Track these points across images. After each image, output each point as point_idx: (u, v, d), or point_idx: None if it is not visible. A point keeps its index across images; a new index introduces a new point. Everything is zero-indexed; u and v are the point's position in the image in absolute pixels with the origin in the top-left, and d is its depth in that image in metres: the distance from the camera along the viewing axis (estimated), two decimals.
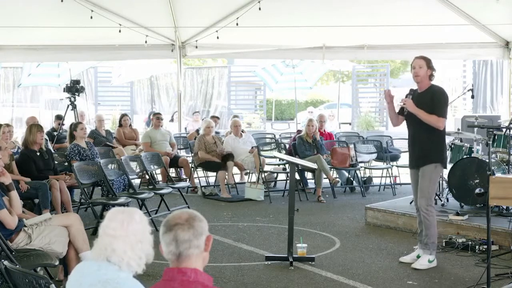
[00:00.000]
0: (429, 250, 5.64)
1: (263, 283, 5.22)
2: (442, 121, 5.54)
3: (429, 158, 5.60)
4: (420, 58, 5.68)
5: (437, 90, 5.66)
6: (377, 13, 10.40)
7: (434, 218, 5.69)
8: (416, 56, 5.74)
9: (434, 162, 5.60)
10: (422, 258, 5.66)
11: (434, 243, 5.65)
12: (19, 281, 3.02)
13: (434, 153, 5.60)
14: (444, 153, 5.73)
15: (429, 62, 5.66)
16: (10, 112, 19.64)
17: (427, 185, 5.61)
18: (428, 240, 5.64)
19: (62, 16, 10.32)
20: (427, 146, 5.61)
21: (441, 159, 5.66)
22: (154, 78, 21.37)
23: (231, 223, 7.74)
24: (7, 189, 4.81)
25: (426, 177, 5.61)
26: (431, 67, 5.65)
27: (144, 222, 2.58)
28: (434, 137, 5.59)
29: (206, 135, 10.04)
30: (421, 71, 5.61)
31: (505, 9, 9.84)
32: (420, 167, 5.67)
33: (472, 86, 8.44)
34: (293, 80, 15.85)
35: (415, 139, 5.74)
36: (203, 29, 11.04)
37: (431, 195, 5.69)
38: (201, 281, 2.31)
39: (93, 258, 2.56)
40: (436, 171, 5.68)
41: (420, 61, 5.65)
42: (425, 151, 5.62)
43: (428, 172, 5.61)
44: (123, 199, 7.09)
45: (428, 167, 5.60)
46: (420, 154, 5.68)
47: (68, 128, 8.50)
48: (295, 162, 6.38)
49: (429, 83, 5.66)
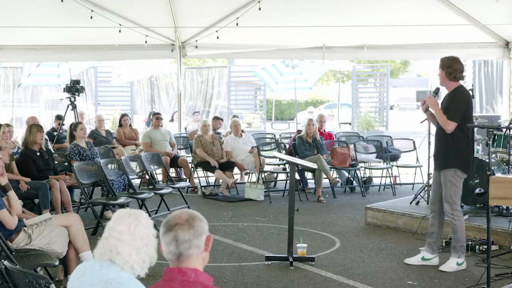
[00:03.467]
0: (457, 253, 5.55)
1: (263, 283, 5.22)
2: (451, 124, 5.37)
3: (447, 162, 5.48)
4: (439, 61, 5.52)
5: (458, 93, 5.46)
6: (377, 13, 10.39)
7: (461, 223, 5.57)
8: (441, 57, 5.57)
9: (452, 167, 5.46)
10: (450, 261, 5.56)
11: (462, 246, 5.56)
12: (19, 281, 3.02)
13: (452, 157, 5.45)
14: (465, 158, 5.50)
15: (441, 62, 5.48)
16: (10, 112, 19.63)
17: (448, 190, 5.48)
18: (456, 244, 5.56)
19: (62, 16, 10.31)
20: (446, 149, 5.48)
21: (461, 165, 5.46)
22: (154, 78, 21.36)
23: (231, 223, 7.74)
24: (4, 190, 4.80)
25: (447, 183, 5.49)
26: (445, 67, 5.43)
27: (150, 226, 2.59)
28: (453, 141, 5.43)
29: (204, 135, 10.04)
30: (439, 75, 5.51)
31: (505, 9, 9.83)
32: (440, 170, 5.57)
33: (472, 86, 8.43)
34: (293, 80, 15.83)
35: (436, 140, 5.67)
36: (203, 29, 11.03)
37: (455, 200, 5.51)
38: (201, 281, 2.32)
39: (96, 258, 2.56)
40: (457, 176, 5.48)
41: (438, 65, 5.50)
42: (444, 154, 5.51)
43: (448, 177, 5.48)
44: (123, 199, 7.10)
45: (448, 172, 5.48)
46: (438, 156, 5.60)
47: (68, 128, 8.50)
48: (295, 162, 6.38)
49: (455, 84, 5.46)
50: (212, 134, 10.19)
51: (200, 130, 10.18)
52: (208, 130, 10.11)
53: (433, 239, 5.75)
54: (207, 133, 10.08)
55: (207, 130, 10.09)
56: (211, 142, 10.02)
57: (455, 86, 5.48)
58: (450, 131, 5.40)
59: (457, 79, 5.49)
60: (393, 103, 31.76)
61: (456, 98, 5.45)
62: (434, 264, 5.69)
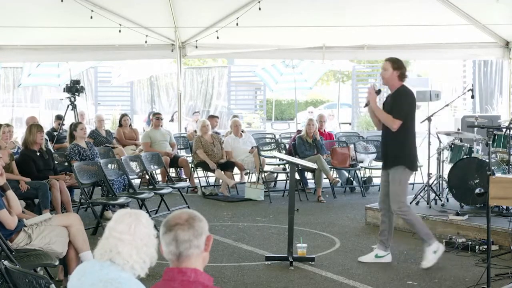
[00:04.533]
0: (427, 243, 5.64)
1: (263, 283, 5.22)
2: (395, 122, 5.51)
3: (396, 160, 5.60)
4: (386, 61, 5.67)
5: (401, 91, 5.64)
6: (377, 13, 10.40)
7: (413, 215, 5.75)
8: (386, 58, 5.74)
9: (401, 164, 5.58)
10: (427, 253, 5.62)
11: (427, 233, 5.68)
12: (19, 281, 3.01)
13: (400, 155, 5.59)
14: (412, 157, 5.68)
15: (394, 63, 5.63)
16: (10, 112, 19.63)
17: (395, 188, 5.61)
18: (421, 235, 5.68)
19: (62, 16, 10.32)
20: (394, 147, 5.62)
21: (408, 162, 5.61)
22: (154, 78, 21.34)
23: (231, 223, 7.74)
24: (2, 190, 4.80)
25: (394, 180, 5.62)
26: (398, 67, 5.60)
27: (150, 226, 2.59)
28: (400, 139, 5.58)
29: (203, 135, 10.04)
30: (386, 73, 5.63)
31: (505, 9, 9.84)
32: (388, 169, 5.69)
33: (472, 86, 8.45)
34: (293, 80, 15.83)
35: (383, 140, 5.80)
36: (203, 29, 11.04)
37: (401, 197, 5.65)
38: (201, 281, 2.32)
39: (96, 258, 2.56)
40: (405, 174, 5.64)
41: (385, 64, 5.65)
42: (392, 152, 5.64)
43: (397, 175, 5.60)
44: (123, 199, 7.10)
45: (397, 169, 5.60)
46: (387, 155, 5.72)
47: (68, 128, 8.50)
48: (295, 162, 6.38)
49: (399, 84, 5.63)
50: (211, 134, 10.18)
51: (199, 131, 10.18)
52: (207, 130, 10.10)
53: (384, 236, 5.86)
54: (207, 133, 10.07)
55: (207, 130, 10.09)
56: (211, 142, 10.01)
57: (399, 85, 5.64)
58: (396, 130, 5.53)
59: (403, 80, 5.66)
60: None
61: (400, 97, 5.60)
62: (387, 261, 5.80)
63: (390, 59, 5.68)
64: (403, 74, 5.61)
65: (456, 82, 25.55)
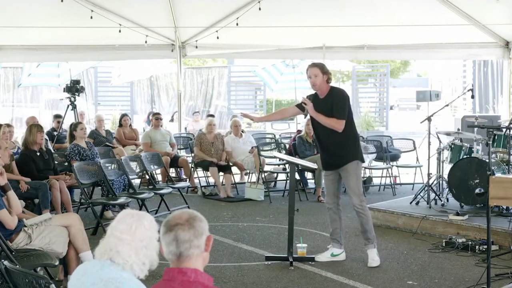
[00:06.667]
0: (373, 244, 5.76)
1: (263, 283, 5.22)
2: (341, 123, 5.59)
3: (349, 157, 5.69)
4: (313, 67, 5.68)
5: (337, 92, 5.73)
6: (377, 13, 10.40)
7: (369, 212, 5.89)
8: (309, 64, 5.76)
9: (354, 159, 5.70)
10: (372, 254, 5.73)
11: (374, 235, 5.81)
12: (19, 281, 3.01)
13: (351, 151, 5.70)
14: (360, 149, 5.85)
15: (322, 68, 5.68)
16: (10, 112, 19.63)
17: (354, 182, 5.72)
18: (370, 235, 5.77)
19: (62, 16, 10.31)
20: (342, 146, 5.68)
21: (360, 156, 5.78)
22: (154, 78, 21.35)
23: (231, 223, 7.74)
24: (3, 190, 4.80)
25: (352, 176, 5.71)
26: (326, 72, 5.67)
27: (153, 229, 2.57)
28: (348, 136, 5.67)
29: (207, 133, 10.04)
30: (317, 79, 5.65)
31: (505, 9, 9.83)
32: (339, 168, 5.75)
33: (472, 86, 8.45)
34: (293, 80, 15.83)
35: (326, 144, 5.82)
36: (203, 29, 11.04)
37: (361, 191, 5.80)
38: (201, 281, 2.32)
39: (96, 256, 2.56)
40: (359, 168, 5.83)
41: (314, 70, 5.66)
42: (342, 152, 5.69)
43: (352, 170, 5.70)
44: (123, 199, 7.10)
45: (351, 165, 5.69)
46: (336, 156, 5.74)
47: (68, 128, 8.50)
48: (295, 162, 6.38)
49: (328, 87, 5.70)
50: (215, 134, 10.15)
51: (204, 129, 10.18)
52: (212, 130, 10.09)
53: (337, 234, 5.95)
54: (211, 133, 10.06)
55: (212, 130, 10.08)
56: (212, 142, 10.01)
57: (328, 88, 5.71)
58: (341, 130, 5.61)
59: (329, 83, 5.73)
60: (393, 103, 31.80)
61: (337, 97, 5.67)
62: (342, 259, 5.88)
63: (316, 64, 5.72)
64: (330, 78, 5.71)
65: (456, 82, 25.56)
